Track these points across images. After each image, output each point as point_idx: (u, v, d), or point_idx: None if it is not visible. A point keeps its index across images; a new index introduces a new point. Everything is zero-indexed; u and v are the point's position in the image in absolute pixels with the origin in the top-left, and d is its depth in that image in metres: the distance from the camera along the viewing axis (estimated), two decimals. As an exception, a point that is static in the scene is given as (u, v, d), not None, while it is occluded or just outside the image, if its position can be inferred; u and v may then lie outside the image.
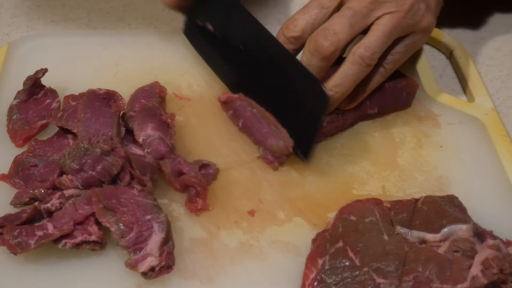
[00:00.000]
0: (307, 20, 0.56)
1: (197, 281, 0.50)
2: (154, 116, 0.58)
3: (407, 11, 0.54)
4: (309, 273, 0.48)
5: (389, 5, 0.54)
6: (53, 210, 0.51)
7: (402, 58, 0.58)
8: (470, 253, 0.47)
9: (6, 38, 0.74)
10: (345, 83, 0.54)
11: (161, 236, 0.49)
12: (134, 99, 0.61)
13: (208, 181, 0.55)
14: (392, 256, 0.47)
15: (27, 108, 0.61)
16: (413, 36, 0.57)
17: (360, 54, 0.53)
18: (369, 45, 0.53)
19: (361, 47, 0.54)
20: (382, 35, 0.54)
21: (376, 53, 0.54)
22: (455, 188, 0.57)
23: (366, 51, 0.53)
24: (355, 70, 0.54)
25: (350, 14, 0.53)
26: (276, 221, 0.54)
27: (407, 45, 0.57)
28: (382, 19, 0.54)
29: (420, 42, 0.59)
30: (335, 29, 0.53)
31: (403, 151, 0.60)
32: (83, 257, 0.51)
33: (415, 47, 0.58)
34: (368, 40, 0.54)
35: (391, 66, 0.57)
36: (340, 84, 0.54)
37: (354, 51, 0.54)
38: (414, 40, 0.57)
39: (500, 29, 0.76)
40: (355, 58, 0.54)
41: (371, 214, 0.51)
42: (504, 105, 0.67)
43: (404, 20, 0.55)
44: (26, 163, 0.56)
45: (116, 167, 0.53)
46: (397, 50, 0.57)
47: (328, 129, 0.59)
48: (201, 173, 0.55)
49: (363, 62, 0.54)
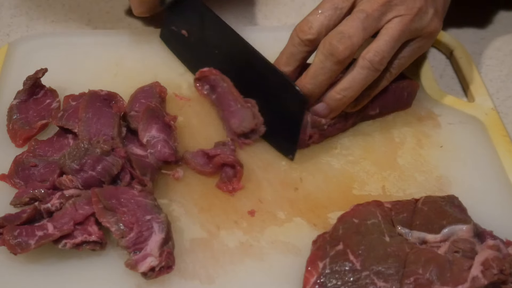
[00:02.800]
0: (322, 21, 0.55)
1: (197, 281, 0.50)
2: (158, 117, 0.58)
3: (416, 14, 0.54)
4: (310, 276, 0.48)
5: (399, 8, 0.54)
6: (53, 210, 0.51)
7: (407, 62, 0.58)
8: (470, 253, 0.47)
9: (6, 38, 0.74)
10: (353, 87, 0.54)
11: (161, 236, 0.49)
12: (134, 99, 0.61)
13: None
14: (393, 258, 0.47)
15: (27, 108, 0.61)
16: (420, 40, 0.57)
17: (370, 59, 0.53)
18: (378, 50, 0.53)
19: (370, 51, 0.54)
20: (391, 40, 0.54)
21: (385, 58, 0.54)
22: (455, 188, 0.57)
23: (375, 56, 0.53)
24: (363, 75, 0.54)
25: (363, 17, 0.53)
26: (276, 221, 0.54)
27: (413, 49, 0.57)
28: (391, 22, 0.54)
29: (426, 46, 0.59)
30: (350, 33, 0.53)
31: (403, 151, 0.60)
32: (83, 257, 0.51)
33: (421, 51, 0.59)
34: (377, 45, 0.54)
35: (397, 70, 0.57)
36: (348, 88, 0.54)
37: (364, 56, 0.54)
38: (420, 44, 0.57)
39: (500, 29, 0.76)
40: (365, 63, 0.54)
41: (373, 217, 0.51)
42: (504, 105, 0.67)
43: (412, 23, 0.55)
44: (26, 163, 0.56)
45: (116, 167, 0.53)
46: (403, 54, 0.57)
47: (330, 131, 0.59)
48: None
49: (372, 66, 0.54)
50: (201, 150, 0.57)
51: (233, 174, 0.56)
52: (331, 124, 0.58)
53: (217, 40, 0.63)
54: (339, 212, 0.53)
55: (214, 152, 0.56)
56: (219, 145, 0.58)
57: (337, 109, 0.56)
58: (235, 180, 0.56)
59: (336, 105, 0.56)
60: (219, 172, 0.57)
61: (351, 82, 0.54)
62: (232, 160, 0.55)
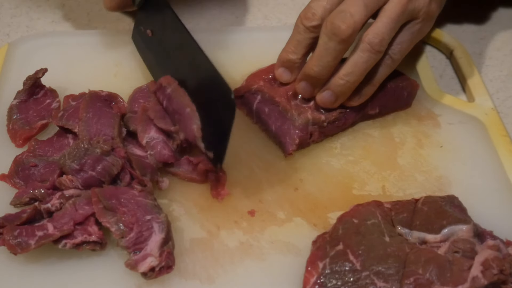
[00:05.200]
0: (324, 6, 0.55)
1: (197, 281, 0.50)
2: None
3: None
4: (310, 276, 0.48)
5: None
6: (53, 210, 0.51)
7: (408, 47, 0.58)
8: (470, 253, 0.47)
9: (6, 38, 0.74)
10: (355, 71, 0.54)
11: (161, 236, 0.49)
12: (133, 99, 0.61)
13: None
14: (393, 258, 0.47)
15: (27, 108, 0.61)
16: (419, 22, 0.57)
17: (369, 41, 0.53)
18: (377, 31, 0.53)
19: (369, 34, 0.54)
20: (390, 21, 0.54)
21: (384, 39, 0.54)
22: (455, 188, 0.57)
23: (375, 38, 0.53)
24: (364, 58, 0.54)
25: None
26: (276, 221, 0.54)
27: (413, 32, 0.57)
28: (390, 3, 0.54)
29: (425, 29, 0.59)
30: (351, 11, 0.53)
31: (403, 151, 0.60)
32: (83, 257, 0.51)
33: (420, 34, 0.58)
34: (376, 27, 0.54)
35: (398, 56, 0.57)
36: (351, 72, 0.54)
37: (363, 39, 0.54)
38: (419, 27, 0.57)
39: (500, 29, 0.76)
40: (365, 45, 0.54)
41: (373, 217, 0.51)
42: (504, 105, 0.67)
43: (410, 4, 0.55)
44: (26, 163, 0.56)
45: (116, 167, 0.53)
46: (404, 38, 0.57)
47: (329, 129, 0.59)
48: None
49: (373, 49, 0.53)
50: (187, 158, 0.57)
51: (216, 180, 0.55)
52: (331, 121, 0.58)
53: (172, 41, 0.61)
54: (339, 212, 0.53)
55: (197, 159, 0.56)
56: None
57: (342, 95, 0.56)
58: (219, 186, 0.55)
59: (340, 91, 0.56)
60: (207, 179, 0.56)
61: (353, 67, 0.54)
62: (212, 168, 0.55)
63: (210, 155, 0.54)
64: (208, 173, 0.56)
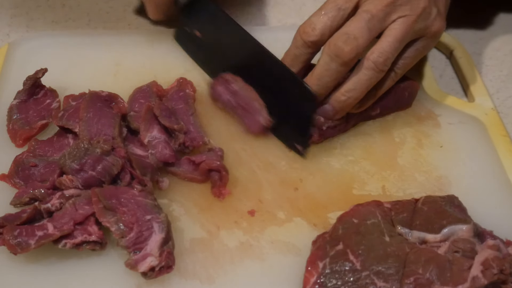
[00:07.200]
0: (325, 22, 0.55)
1: (197, 281, 0.50)
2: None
3: (419, 14, 0.54)
4: (310, 276, 0.48)
5: (404, 8, 0.54)
6: (53, 210, 0.51)
7: (412, 62, 0.58)
8: (470, 253, 0.47)
9: (6, 38, 0.74)
10: (357, 88, 0.54)
11: (161, 236, 0.49)
12: (133, 99, 0.61)
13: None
14: (393, 258, 0.47)
15: (27, 108, 0.61)
16: (424, 40, 0.57)
17: (374, 60, 0.53)
18: (382, 50, 0.53)
19: (374, 52, 0.54)
20: (395, 40, 0.54)
21: (389, 58, 0.54)
22: (455, 188, 0.57)
23: (379, 57, 0.53)
24: (368, 76, 0.54)
25: (368, 18, 0.53)
26: (276, 221, 0.54)
27: (417, 49, 0.57)
28: (395, 23, 0.54)
29: (430, 46, 0.59)
30: (355, 34, 0.52)
31: (403, 151, 0.60)
32: (83, 257, 0.51)
33: (425, 51, 0.59)
34: (381, 46, 0.54)
35: (401, 71, 0.57)
36: (353, 89, 0.54)
37: (368, 57, 0.54)
38: (424, 45, 0.57)
39: (500, 29, 0.76)
40: (369, 64, 0.54)
41: (373, 216, 0.51)
42: (504, 105, 0.67)
43: (416, 24, 0.55)
44: (26, 163, 0.56)
45: (116, 167, 0.53)
46: (408, 54, 0.57)
47: (331, 133, 0.60)
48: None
49: (377, 67, 0.54)
50: (187, 158, 0.57)
51: (219, 180, 0.55)
52: (332, 126, 0.58)
53: (229, 40, 0.62)
54: (339, 212, 0.53)
55: (200, 159, 0.56)
56: (205, 151, 0.57)
57: (343, 110, 0.56)
58: (221, 185, 0.55)
59: (341, 107, 0.56)
60: (209, 178, 0.56)
61: (356, 84, 0.54)
62: (217, 166, 0.55)
63: (299, 147, 0.59)
64: (211, 172, 0.56)
